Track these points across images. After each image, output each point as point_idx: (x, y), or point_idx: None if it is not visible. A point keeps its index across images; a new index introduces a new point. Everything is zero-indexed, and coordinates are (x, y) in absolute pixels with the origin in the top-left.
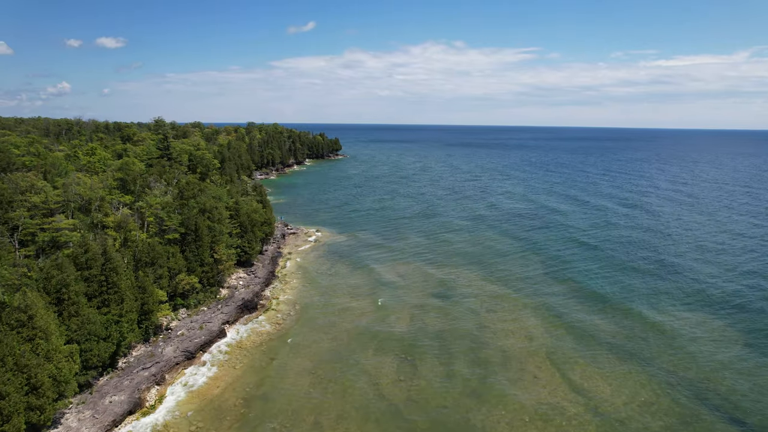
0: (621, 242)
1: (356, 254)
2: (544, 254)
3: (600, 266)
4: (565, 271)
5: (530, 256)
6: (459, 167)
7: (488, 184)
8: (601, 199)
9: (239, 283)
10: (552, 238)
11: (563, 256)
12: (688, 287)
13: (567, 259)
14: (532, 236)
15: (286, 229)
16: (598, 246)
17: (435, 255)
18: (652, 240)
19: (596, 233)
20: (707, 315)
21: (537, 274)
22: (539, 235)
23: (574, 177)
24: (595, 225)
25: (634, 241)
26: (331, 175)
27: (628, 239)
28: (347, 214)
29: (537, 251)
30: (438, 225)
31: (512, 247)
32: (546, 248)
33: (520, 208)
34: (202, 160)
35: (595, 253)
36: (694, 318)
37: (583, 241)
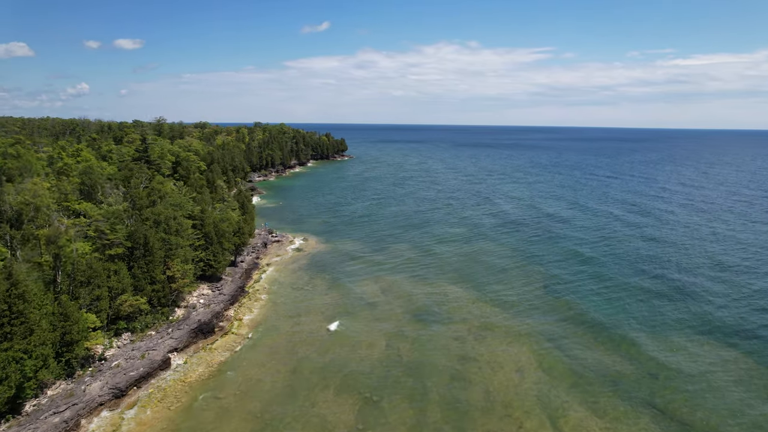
0: (630, 258)
1: (339, 266)
2: (544, 272)
3: (606, 288)
4: (567, 293)
5: (529, 274)
6: (464, 169)
7: (491, 188)
8: (610, 206)
9: (200, 301)
10: (554, 253)
11: (565, 274)
12: (703, 315)
13: (569, 278)
14: (533, 249)
15: (270, 237)
16: (605, 263)
17: (424, 269)
18: (662, 255)
19: (603, 247)
20: (728, 350)
21: (534, 296)
22: (540, 249)
23: (584, 180)
24: (602, 237)
25: (643, 257)
26: (332, 177)
27: (638, 255)
28: (338, 220)
29: (536, 267)
30: (431, 234)
31: (509, 262)
32: (547, 264)
33: (522, 215)
34: (182, 163)
35: (601, 271)
36: (712, 354)
37: (588, 256)
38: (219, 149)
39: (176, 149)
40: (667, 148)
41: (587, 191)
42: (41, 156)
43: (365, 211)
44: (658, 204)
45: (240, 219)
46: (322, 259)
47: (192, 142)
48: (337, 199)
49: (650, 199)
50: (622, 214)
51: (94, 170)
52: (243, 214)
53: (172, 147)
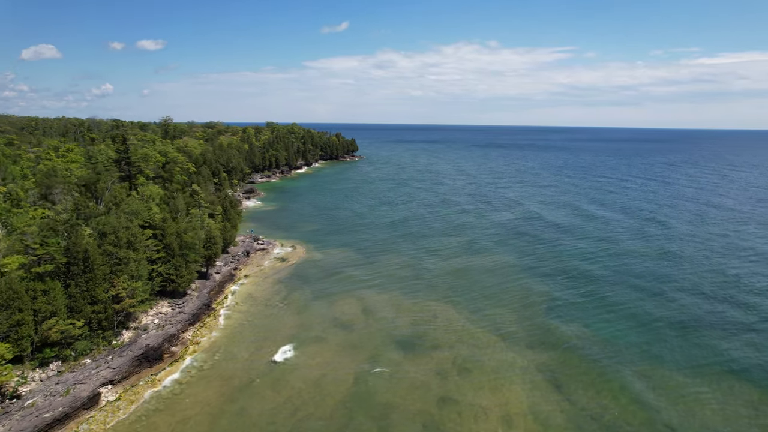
0: (641, 279)
1: (322, 280)
2: (546, 293)
3: (614, 315)
4: (569, 320)
5: (528, 295)
6: (472, 172)
7: (496, 193)
8: (622, 215)
9: (154, 321)
10: (558, 271)
11: (569, 297)
12: (727, 352)
13: (573, 301)
14: (535, 266)
15: (255, 245)
16: (614, 284)
17: (414, 285)
18: (677, 276)
19: (612, 265)
20: (762, 400)
21: (532, 323)
22: (543, 265)
23: (600, 183)
24: (613, 254)
25: (657, 278)
26: (336, 179)
27: (651, 275)
28: (332, 225)
29: (538, 287)
30: (427, 245)
31: (508, 280)
32: (549, 283)
33: (526, 225)
34: (166, 165)
35: (609, 294)
36: (743, 405)
37: (596, 275)
38: (215, 150)
39: (168, 149)
40: (689, 149)
41: (599, 197)
42: (29, 156)
43: (361, 216)
44: (674, 212)
45: (221, 226)
46: (306, 270)
47: (188, 143)
48: (336, 202)
49: (666, 206)
50: (635, 224)
51: (57, 173)
52: (225, 220)
53: (164, 147)
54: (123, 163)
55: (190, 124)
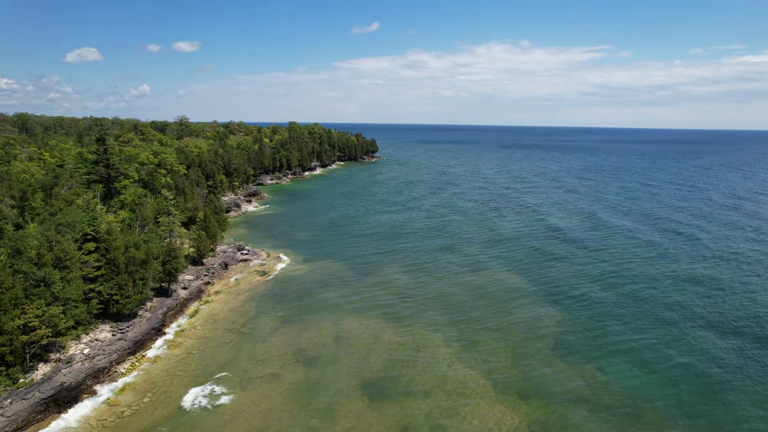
0: (669, 311)
1: (302, 298)
2: (554, 323)
3: (635, 360)
4: (579, 362)
5: (533, 326)
6: (492, 173)
7: (514, 199)
8: (651, 228)
9: (84, 351)
10: (570, 295)
11: (581, 331)
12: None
13: (586, 336)
14: (544, 289)
15: (238, 255)
16: (637, 316)
17: (404, 306)
18: (710, 308)
19: (634, 291)
20: None
21: (534, 364)
22: (555, 288)
23: (631, 188)
24: (635, 276)
25: (686, 309)
26: (350, 180)
27: (680, 306)
28: (330, 232)
29: (544, 316)
30: (425, 258)
31: (510, 306)
32: (558, 312)
33: (540, 237)
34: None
35: (630, 329)
36: None
37: (613, 304)
38: (215, 151)
39: (163, 150)
40: (728, 152)
41: (621, 205)
42: (22, 156)
43: (360, 223)
44: (707, 226)
45: (196, 235)
46: (286, 286)
47: (189, 143)
48: (339, 206)
49: (699, 217)
50: (662, 239)
51: (11, 176)
52: (204, 228)
53: (158, 148)
54: (101, 165)
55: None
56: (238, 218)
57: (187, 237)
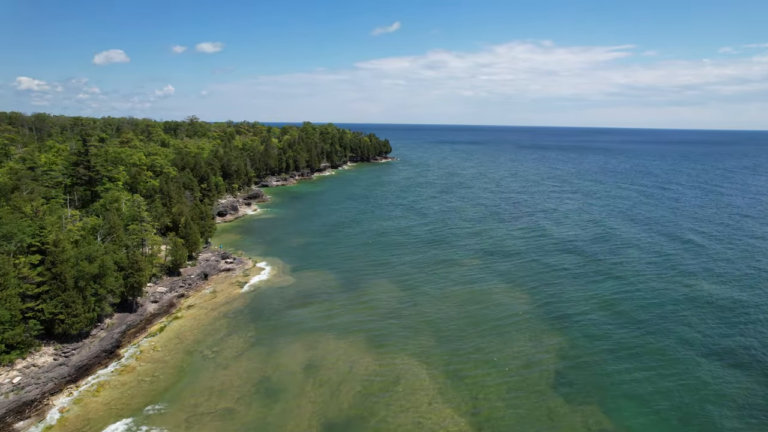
0: (687, 342)
1: (279, 315)
2: (555, 350)
3: (646, 396)
4: (583, 401)
5: (531, 352)
6: (503, 175)
7: (529, 204)
8: (670, 242)
9: (14, 381)
10: (580, 318)
11: (587, 358)
12: None
13: (593, 368)
14: (547, 308)
15: (222, 264)
16: (654, 346)
17: (389, 327)
18: (732, 334)
19: (647, 312)
20: None
21: (530, 400)
22: (559, 307)
23: (653, 192)
24: (646, 293)
25: (706, 336)
26: (358, 182)
27: (696, 330)
28: (324, 239)
29: (544, 341)
30: (419, 269)
31: (508, 328)
32: (561, 335)
33: (552, 247)
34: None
35: (642, 359)
36: None
37: (624, 327)
38: (215, 152)
39: (156, 150)
40: (756, 153)
41: (653, 209)
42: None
43: (360, 228)
44: (729, 237)
45: (172, 244)
46: (266, 300)
47: (189, 144)
48: (341, 210)
49: (719, 227)
50: (676, 250)
51: None
52: (184, 236)
53: (154, 148)
54: (81, 167)
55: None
56: (234, 222)
57: (162, 245)
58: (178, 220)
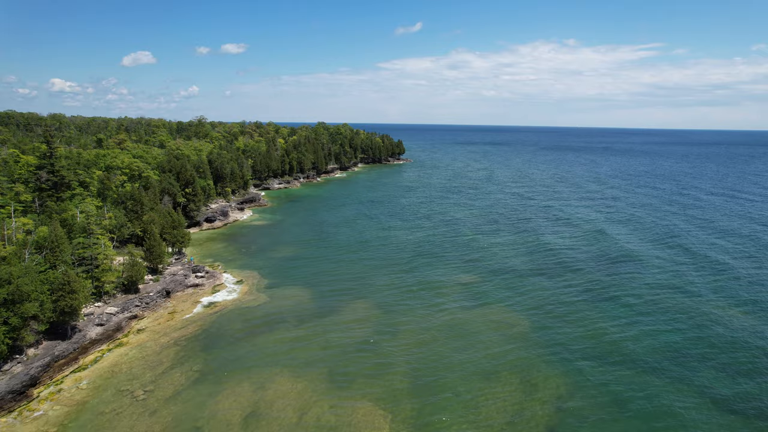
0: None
1: (238, 343)
2: (560, 390)
3: None
4: None
5: (529, 396)
6: (521, 178)
7: (539, 208)
8: (687, 260)
9: None
10: (582, 350)
11: (601, 398)
12: None
13: (604, 404)
14: (552, 339)
15: (191, 278)
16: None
17: (361, 362)
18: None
19: (671, 354)
20: None
21: None
22: (565, 337)
23: (678, 199)
24: (672, 334)
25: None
26: (364, 185)
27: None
28: (314, 249)
29: (548, 378)
30: (411, 290)
31: (502, 364)
32: (568, 372)
33: (555, 262)
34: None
35: (666, 408)
36: None
37: (644, 371)
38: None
39: (141, 152)
40: None
41: (676, 216)
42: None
43: (353, 238)
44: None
45: (129, 260)
46: (229, 323)
47: (181, 145)
48: (338, 216)
49: (745, 241)
50: (698, 277)
51: None
52: (149, 247)
53: (139, 150)
54: (45, 171)
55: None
56: (221, 229)
57: (122, 257)
58: (149, 230)
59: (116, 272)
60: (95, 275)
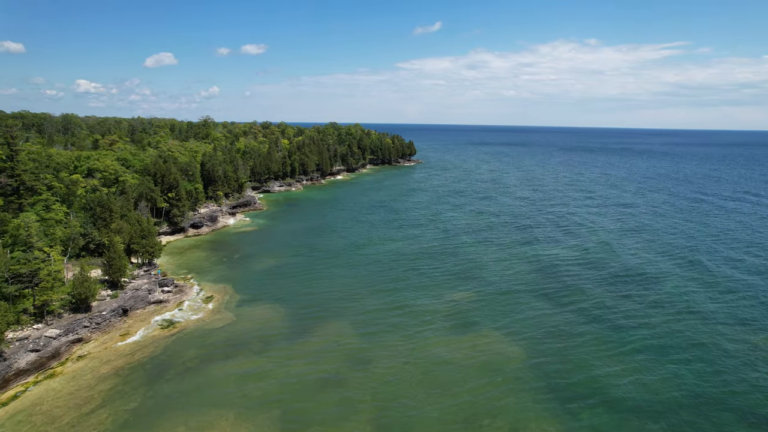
0: None
1: (187, 373)
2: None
3: None
4: None
5: None
6: (527, 180)
7: (553, 214)
8: (704, 278)
9: None
10: (583, 383)
11: None
12: None
13: None
14: (551, 375)
15: (156, 294)
16: None
17: (323, 402)
18: None
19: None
20: None
21: None
22: (561, 369)
23: (696, 206)
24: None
25: None
26: (370, 188)
27: None
28: (300, 260)
29: (543, 420)
30: (397, 310)
31: (487, 416)
32: (564, 426)
33: (555, 280)
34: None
35: None
36: None
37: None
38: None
39: (125, 154)
40: None
41: (695, 227)
42: None
43: (342, 250)
44: None
45: (80, 277)
46: (182, 350)
47: (173, 147)
48: (334, 221)
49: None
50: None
51: None
52: (108, 260)
53: (124, 153)
54: (4, 174)
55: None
56: (207, 236)
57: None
58: (110, 240)
59: (65, 289)
60: (34, 294)
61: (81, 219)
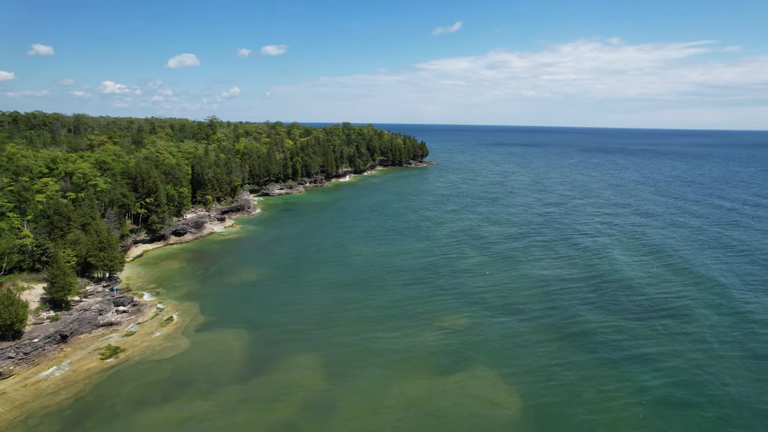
0: None
1: (116, 418)
2: None
3: None
4: None
5: None
6: (534, 183)
7: (570, 221)
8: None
9: None
10: None
11: None
12: None
13: None
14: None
15: (109, 314)
16: None
17: None
18: None
19: None
20: None
21: None
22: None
23: (716, 213)
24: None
25: None
26: (374, 192)
27: None
28: (282, 274)
29: None
30: (378, 337)
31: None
32: None
33: (571, 305)
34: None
35: None
36: None
37: None
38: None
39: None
40: None
41: (715, 239)
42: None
43: (333, 262)
44: None
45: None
46: (115, 388)
47: (161, 147)
48: (330, 229)
49: None
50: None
51: None
52: (50, 280)
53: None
54: None
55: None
56: (188, 244)
57: None
58: (53, 255)
59: None
60: None
61: (37, 228)
